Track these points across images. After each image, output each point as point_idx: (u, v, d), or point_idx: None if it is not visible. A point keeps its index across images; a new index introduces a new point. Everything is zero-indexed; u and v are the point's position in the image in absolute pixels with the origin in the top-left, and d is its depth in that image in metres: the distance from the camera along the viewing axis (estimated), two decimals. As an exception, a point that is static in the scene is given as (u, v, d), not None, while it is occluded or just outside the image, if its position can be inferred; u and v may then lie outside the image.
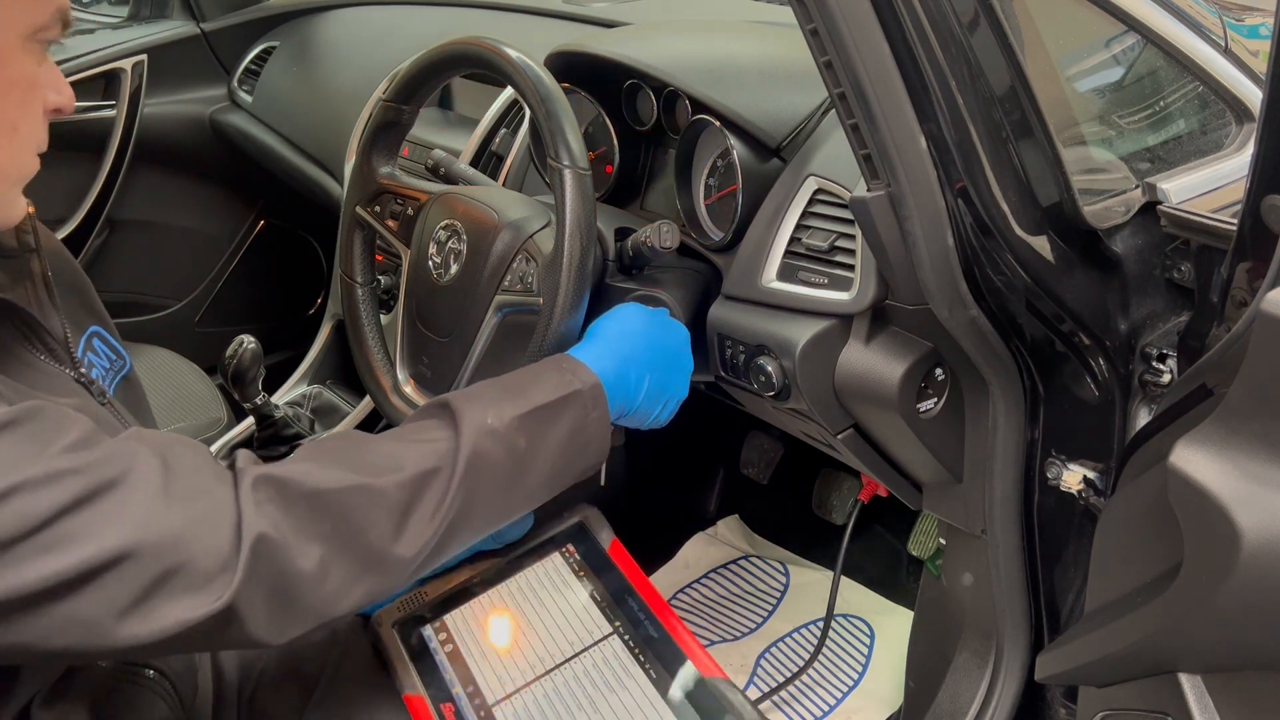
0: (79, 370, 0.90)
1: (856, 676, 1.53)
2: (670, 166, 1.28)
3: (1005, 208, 0.90)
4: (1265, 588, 0.67)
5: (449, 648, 1.10)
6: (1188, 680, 0.80)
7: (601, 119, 1.36)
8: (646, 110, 1.33)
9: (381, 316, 1.34)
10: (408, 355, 1.30)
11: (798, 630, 1.62)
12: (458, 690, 1.06)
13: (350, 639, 1.11)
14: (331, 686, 1.05)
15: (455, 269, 1.21)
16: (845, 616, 1.63)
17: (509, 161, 1.61)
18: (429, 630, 1.12)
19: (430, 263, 1.23)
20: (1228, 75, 1.05)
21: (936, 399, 1.06)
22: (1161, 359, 0.98)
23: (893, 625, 1.59)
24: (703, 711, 1.00)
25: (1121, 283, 0.98)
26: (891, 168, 0.87)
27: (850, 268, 1.04)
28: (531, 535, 1.18)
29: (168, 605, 0.70)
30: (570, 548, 1.17)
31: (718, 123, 1.18)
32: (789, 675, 1.51)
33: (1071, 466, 1.03)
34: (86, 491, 0.69)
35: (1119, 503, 0.90)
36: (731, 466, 1.90)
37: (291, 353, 2.24)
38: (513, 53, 1.11)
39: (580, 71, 1.35)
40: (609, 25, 1.70)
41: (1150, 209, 0.97)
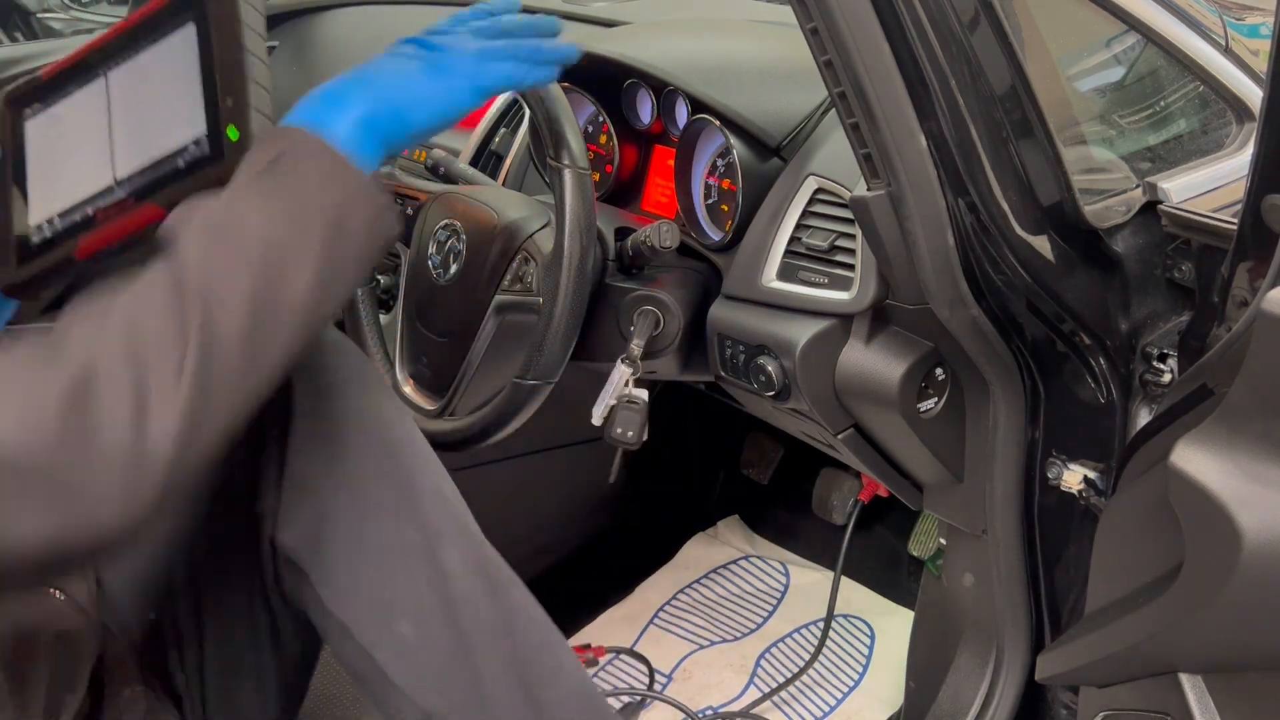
0: None
1: (857, 677, 1.53)
2: (670, 166, 1.28)
3: (1005, 207, 0.90)
4: (1266, 588, 0.67)
5: None
6: (1188, 680, 0.80)
7: (601, 118, 1.36)
8: (646, 110, 1.33)
9: (381, 316, 1.34)
10: (407, 355, 1.30)
11: (798, 630, 1.62)
12: None
13: None
14: None
15: (455, 269, 1.21)
16: (846, 616, 1.62)
17: (508, 161, 1.61)
18: None
19: (429, 262, 1.22)
20: (1228, 75, 1.05)
21: (937, 399, 1.06)
22: (1162, 359, 0.98)
23: (893, 625, 1.59)
24: None
25: (1122, 282, 0.98)
26: (891, 167, 0.87)
27: (850, 267, 1.04)
28: None
29: None
30: None
31: (717, 122, 1.17)
32: (789, 675, 1.51)
33: (1072, 466, 1.03)
34: None
35: (1120, 503, 0.90)
36: (731, 466, 1.90)
37: (291, 353, 2.23)
38: (513, 52, 1.10)
39: (580, 71, 1.34)
40: (609, 25, 1.70)
41: (1151, 208, 0.97)
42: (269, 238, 0.72)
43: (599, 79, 1.34)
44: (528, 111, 1.47)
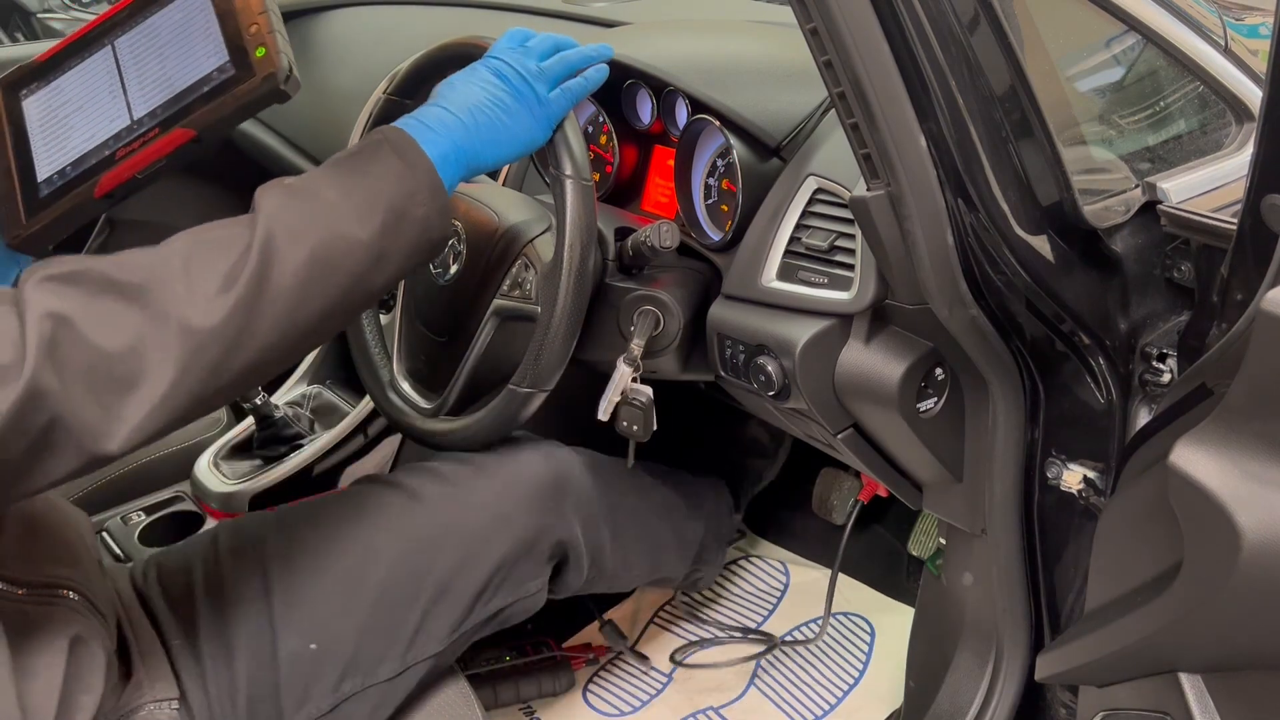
0: None
1: (857, 675, 1.53)
2: (670, 167, 1.28)
3: (1005, 207, 0.90)
4: (1265, 587, 0.67)
5: None
6: (1188, 680, 0.80)
7: (601, 119, 1.36)
8: (646, 110, 1.33)
9: (380, 315, 1.34)
10: (406, 354, 1.30)
11: (798, 629, 1.62)
12: None
13: None
14: None
15: (455, 269, 1.21)
16: (846, 614, 1.63)
17: (509, 161, 1.61)
18: None
19: (430, 262, 1.22)
20: (1228, 75, 1.05)
21: (936, 399, 1.06)
22: (1161, 358, 0.98)
23: (893, 623, 1.59)
24: None
25: (1121, 282, 0.98)
26: (891, 167, 0.87)
27: (850, 267, 1.04)
28: None
29: None
30: None
31: (717, 122, 1.18)
32: (789, 674, 1.52)
33: (1072, 466, 1.03)
34: None
35: (1119, 502, 0.90)
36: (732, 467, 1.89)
37: (291, 352, 2.23)
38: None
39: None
40: (609, 25, 1.70)
41: (1150, 208, 0.97)
42: (339, 205, 0.85)
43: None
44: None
